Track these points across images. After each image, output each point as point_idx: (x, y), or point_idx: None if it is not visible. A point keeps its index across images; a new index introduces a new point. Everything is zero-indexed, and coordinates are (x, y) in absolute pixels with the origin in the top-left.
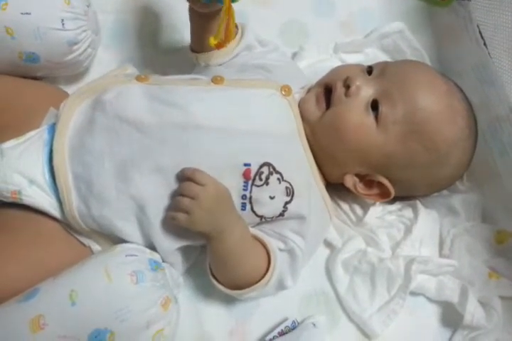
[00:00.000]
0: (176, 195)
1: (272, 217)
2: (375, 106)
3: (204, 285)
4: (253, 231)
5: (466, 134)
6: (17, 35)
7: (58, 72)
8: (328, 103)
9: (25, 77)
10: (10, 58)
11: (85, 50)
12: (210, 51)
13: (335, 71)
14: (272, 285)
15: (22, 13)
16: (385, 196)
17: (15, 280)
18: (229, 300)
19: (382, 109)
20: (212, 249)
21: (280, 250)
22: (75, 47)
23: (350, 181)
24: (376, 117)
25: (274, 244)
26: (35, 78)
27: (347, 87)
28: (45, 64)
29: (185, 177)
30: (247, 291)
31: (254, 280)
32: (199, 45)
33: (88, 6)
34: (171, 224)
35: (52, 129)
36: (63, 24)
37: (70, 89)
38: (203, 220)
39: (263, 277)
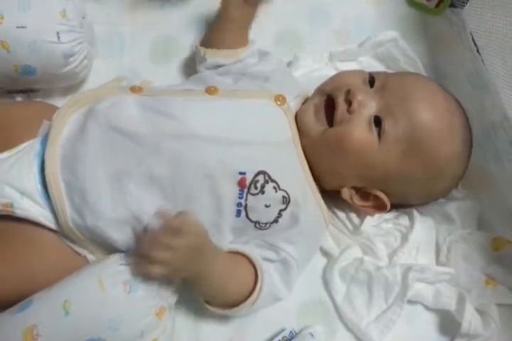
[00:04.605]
0: (144, 243)
1: (267, 223)
2: (377, 121)
3: None
4: (242, 249)
5: (463, 149)
6: (12, 49)
7: (55, 83)
8: (328, 116)
9: (21, 90)
10: (5, 71)
11: (81, 61)
12: (220, 49)
13: (335, 80)
14: (260, 302)
15: (18, 27)
16: (380, 208)
17: (9, 292)
18: None
19: (385, 126)
20: (196, 285)
21: (272, 261)
22: (71, 59)
23: (346, 193)
24: (378, 134)
25: (263, 264)
26: (31, 90)
27: (348, 101)
28: (42, 76)
29: (161, 221)
30: (235, 311)
31: (243, 299)
32: (212, 40)
33: (84, 18)
34: None
35: (45, 140)
36: (59, 37)
37: (66, 101)
38: (182, 270)
39: (250, 296)
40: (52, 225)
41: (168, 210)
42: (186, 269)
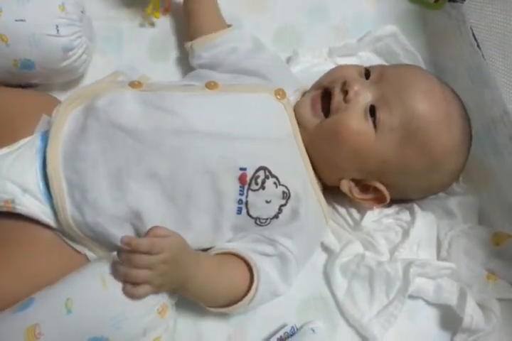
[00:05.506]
0: (124, 264)
1: (267, 219)
2: (372, 111)
3: None
4: (236, 250)
5: (461, 140)
6: (11, 42)
7: (53, 78)
8: (325, 108)
9: (20, 84)
10: (4, 65)
11: (80, 56)
12: (202, 36)
13: (332, 73)
14: (258, 300)
15: (16, 20)
16: (380, 201)
17: (9, 292)
18: None
19: (380, 115)
20: (183, 293)
21: (269, 255)
22: (70, 53)
23: (345, 186)
24: (374, 123)
25: (260, 260)
26: (30, 85)
27: (345, 92)
28: (41, 70)
29: (131, 248)
30: (232, 309)
31: (239, 298)
32: (192, 32)
33: (83, 12)
34: None
35: (45, 136)
36: (58, 30)
37: (65, 96)
38: (166, 285)
39: (246, 294)
40: (51, 222)
41: (131, 236)
42: (170, 282)
